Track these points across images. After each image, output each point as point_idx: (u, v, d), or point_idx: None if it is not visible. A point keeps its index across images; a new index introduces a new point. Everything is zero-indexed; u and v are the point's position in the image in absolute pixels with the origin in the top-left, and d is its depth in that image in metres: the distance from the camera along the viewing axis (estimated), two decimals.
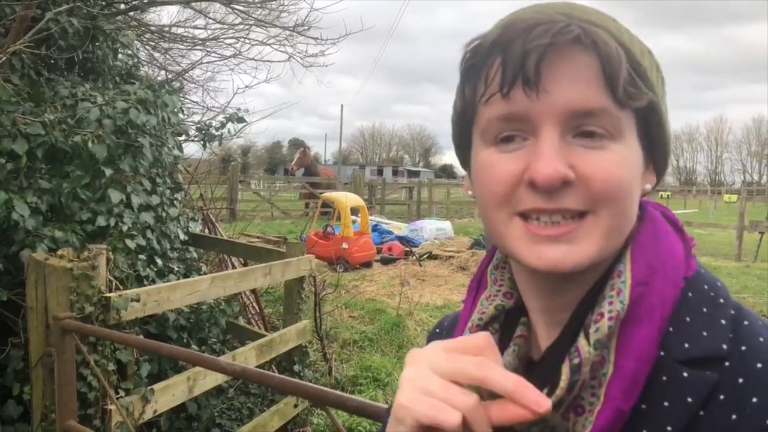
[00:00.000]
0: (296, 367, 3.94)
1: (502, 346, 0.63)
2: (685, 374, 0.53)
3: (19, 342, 2.84)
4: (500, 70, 0.56)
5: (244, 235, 7.09)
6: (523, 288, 0.66)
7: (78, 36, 4.16)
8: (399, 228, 13.49)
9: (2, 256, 2.89)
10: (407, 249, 11.31)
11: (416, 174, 56.84)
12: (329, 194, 12.08)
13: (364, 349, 6.00)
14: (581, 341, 0.55)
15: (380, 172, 55.53)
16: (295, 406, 3.84)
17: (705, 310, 0.57)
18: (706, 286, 0.59)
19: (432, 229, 13.21)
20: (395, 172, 59.19)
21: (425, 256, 11.11)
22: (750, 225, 13.32)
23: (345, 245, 9.84)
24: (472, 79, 0.60)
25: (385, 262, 10.72)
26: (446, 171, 79.14)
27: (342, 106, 41.05)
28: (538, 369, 0.61)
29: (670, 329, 0.55)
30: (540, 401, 0.47)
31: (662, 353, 0.54)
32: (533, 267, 0.57)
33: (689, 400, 0.52)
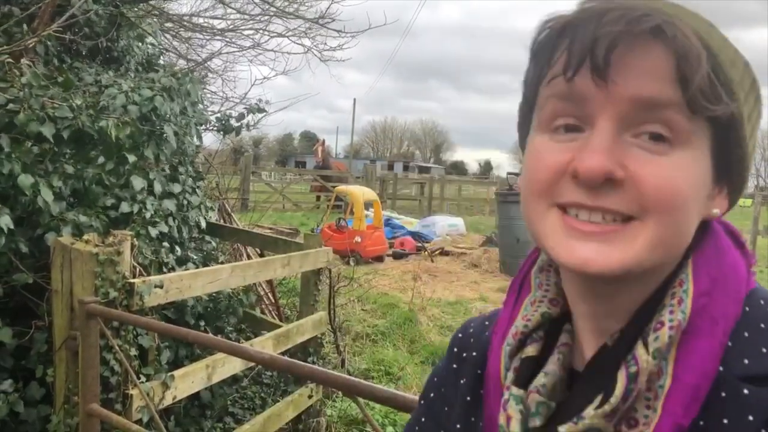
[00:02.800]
0: (310, 359, 3.95)
1: (546, 354, 0.62)
2: (746, 391, 0.51)
3: (43, 325, 2.86)
4: (566, 53, 0.53)
5: (258, 226, 7.11)
6: (569, 291, 0.63)
7: (103, 23, 4.18)
8: (411, 223, 13.50)
9: (27, 239, 2.91)
10: (419, 244, 11.31)
11: (427, 170, 56.72)
12: (344, 187, 12.12)
13: (377, 342, 6.01)
14: (639, 350, 0.53)
15: (391, 167, 55.41)
16: (310, 396, 3.85)
17: (763, 326, 0.55)
18: (763, 302, 0.57)
19: (444, 225, 13.22)
20: (406, 167, 59.07)
21: (437, 251, 11.10)
22: (764, 230, 13.22)
23: (359, 239, 9.86)
24: (537, 61, 0.58)
25: (397, 257, 10.73)
26: (457, 168, 78.93)
27: (354, 99, 41.07)
28: (585, 377, 0.58)
29: (730, 344, 0.53)
30: None
31: (721, 369, 0.52)
32: (562, 262, 0.55)
33: (750, 418, 0.50)
